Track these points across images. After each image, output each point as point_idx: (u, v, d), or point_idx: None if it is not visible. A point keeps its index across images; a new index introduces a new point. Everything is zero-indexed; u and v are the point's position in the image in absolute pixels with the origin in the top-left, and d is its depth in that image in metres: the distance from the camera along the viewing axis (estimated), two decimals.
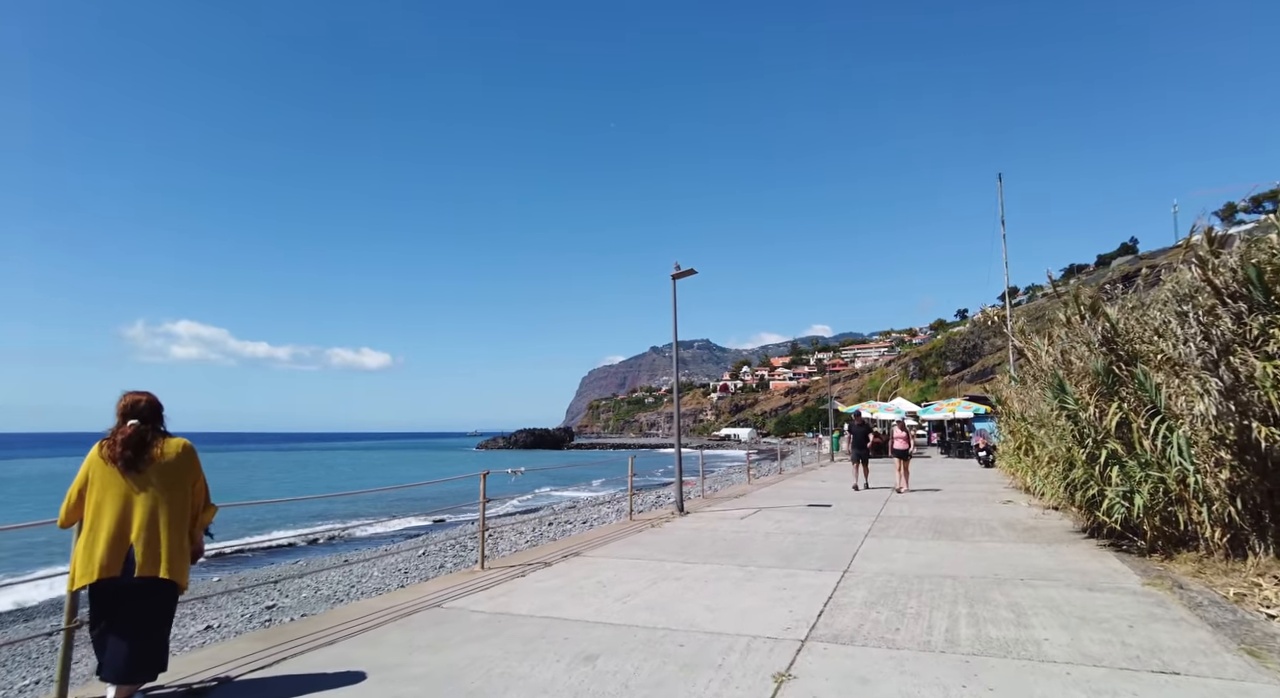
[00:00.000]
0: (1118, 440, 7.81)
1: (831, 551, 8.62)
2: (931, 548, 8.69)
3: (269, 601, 15.16)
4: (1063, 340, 11.45)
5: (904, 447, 16.33)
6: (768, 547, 8.96)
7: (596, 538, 9.89)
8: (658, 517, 12.28)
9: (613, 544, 9.29)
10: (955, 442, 33.66)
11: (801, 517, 11.85)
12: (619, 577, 7.22)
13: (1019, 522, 10.96)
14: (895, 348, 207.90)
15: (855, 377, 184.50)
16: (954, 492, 15.95)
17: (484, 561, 7.79)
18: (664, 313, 12.92)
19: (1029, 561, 7.73)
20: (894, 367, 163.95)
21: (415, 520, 30.37)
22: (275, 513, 32.89)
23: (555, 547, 9.25)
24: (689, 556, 8.39)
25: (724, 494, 16.69)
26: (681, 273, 12.73)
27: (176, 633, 12.35)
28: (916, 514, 12.06)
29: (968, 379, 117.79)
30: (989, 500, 14.13)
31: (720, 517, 11.97)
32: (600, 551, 8.84)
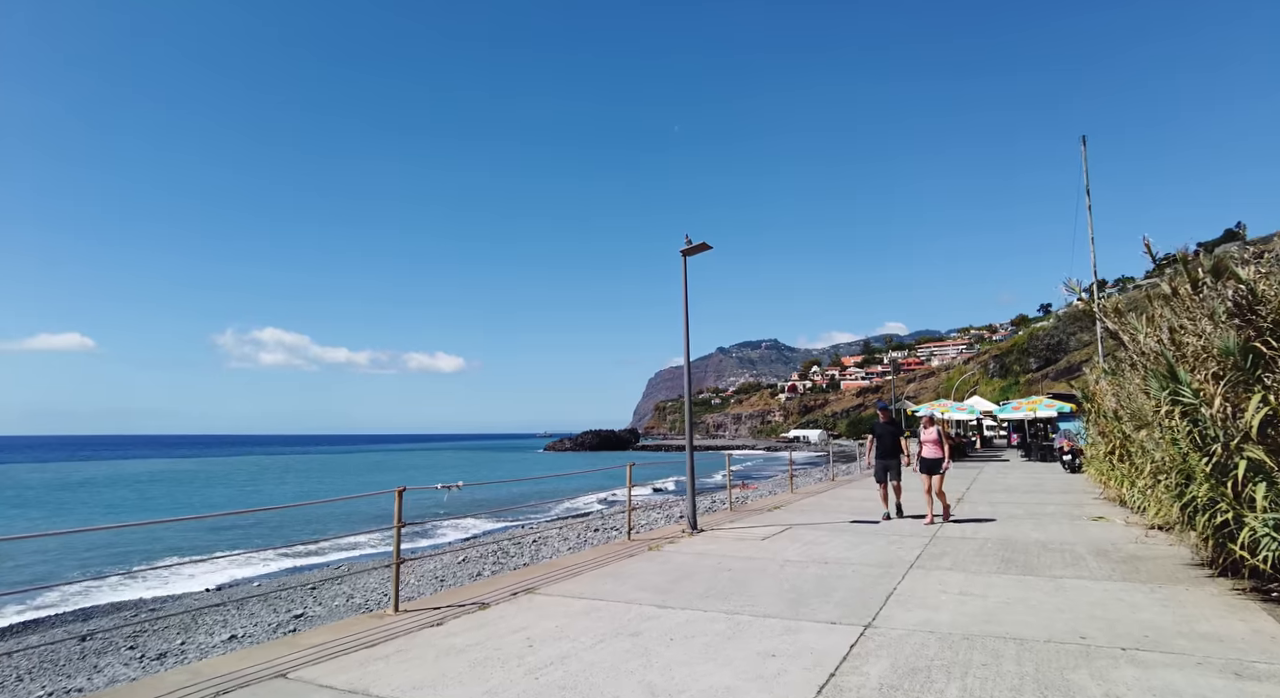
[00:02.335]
0: (1261, 446, 5.56)
1: (860, 589, 6.60)
2: (994, 587, 6.57)
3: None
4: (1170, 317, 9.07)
5: (935, 456, 10.96)
6: (780, 582, 7.00)
7: (573, 565, 8.11)
8: (663, 536, 10.39)
9: (585, 576, 7.48)
10: (1036, 444, 30.51)
11: (838, 538, 9.79)
12: (560, 630, 5.42)
13: (1114, 547, 8.65)
14: (974, 345, 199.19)
15: (931, 375, 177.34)
16: (1031, 503, 13.51)
17: (397, 602, 6.10)
18: (732, 315, 11.41)
19: (1134, 613, 5.56)
20: (973, 364, 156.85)
21: (368, 537, 25.91)
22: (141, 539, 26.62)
23: (512, 578, 7.49)
24: (671, 595, 6.51)
25: (756, 506, 14.64)
26: (693, 248, 10.84)
27: None
28: (981, 535, 9.84)
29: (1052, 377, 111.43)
30: (1074, 516, 11.72)
31: (739, 537, 10.02)
32: (565, 585, 7.05)
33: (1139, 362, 10.00)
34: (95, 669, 11.29)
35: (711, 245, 10.89)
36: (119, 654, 12.14)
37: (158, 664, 11.50)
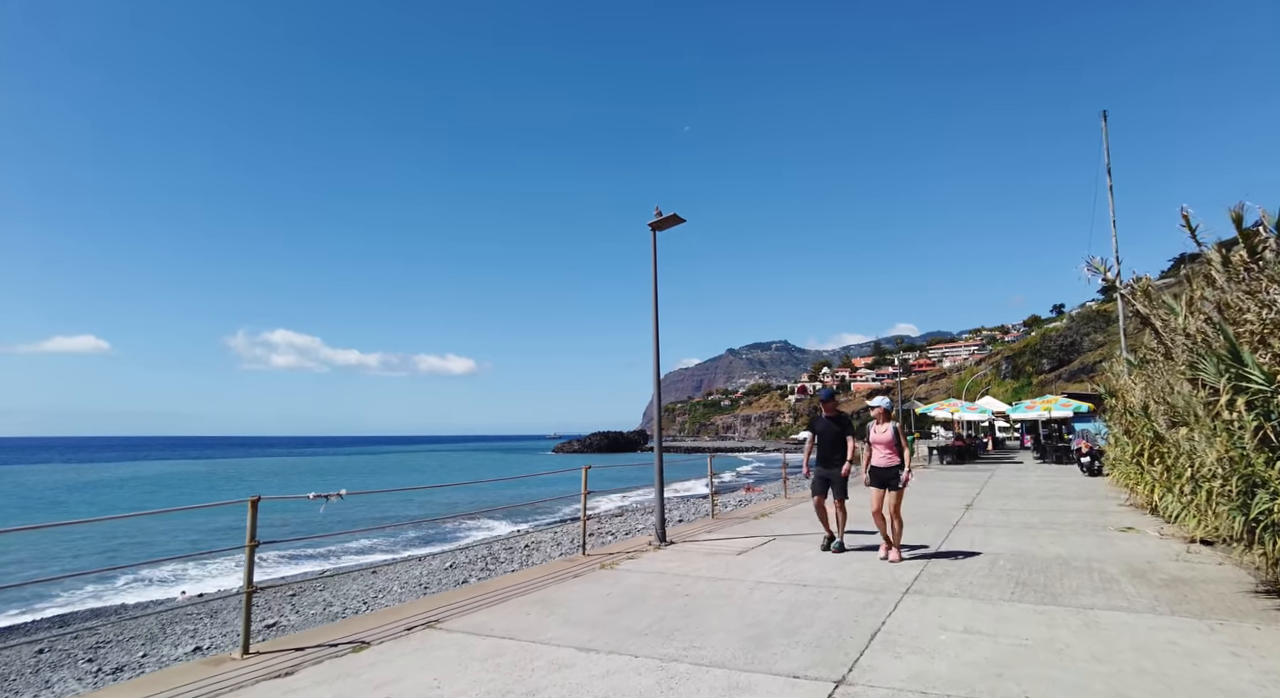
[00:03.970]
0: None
1: (839, 624, 5.28)
2: (1007, 621, 5.23)
3: None
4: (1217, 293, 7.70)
5: (890, 464, 7.93)
6: (743, 612, 5.68)
7: (502, 589, 6.81)
8: (625, 550, 9.07)
9: (509, 604, 6.18)
10: (1051, 445, 28.98)
11: (824, 553, 8.45)
12: (434, 687, 4.13)
13: (1151, 566, 7.27)
14: (986, 346, 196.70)
15: (943, 377, 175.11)
16: (1049, 510, 12.11)
17: (247, 642, 4.81)
18: (742, 316, 9.88)
19: (1196, 666, 4.20)
20: (984, 365, 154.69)
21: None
22: None
23: (421, 607, 6.19)
24: (603, 632, 5.20)
25: (742, 514, 13.28)
26: (662, 221, 9.53)
27: None
28: (993, 548, 8.47)
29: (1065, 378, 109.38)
30: (1098, 526, 10.33)
31: (711, 551, 8.69)
32: (478, 617, 5.75)
33: (1179, 347, 8.62)
34: (45, 685, 10.27)
35: (684, 218, 9.58)
36: (75, 668, 11.18)
37: (110, 679, 10.50)
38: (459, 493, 42.32)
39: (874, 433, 8.12)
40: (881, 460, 7.99)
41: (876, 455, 8.03)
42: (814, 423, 8.74)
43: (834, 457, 8.49)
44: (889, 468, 7.91)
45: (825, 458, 8.54)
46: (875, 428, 8.13)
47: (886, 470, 7.92)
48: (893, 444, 7.94)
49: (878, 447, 8.03)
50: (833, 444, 8.50)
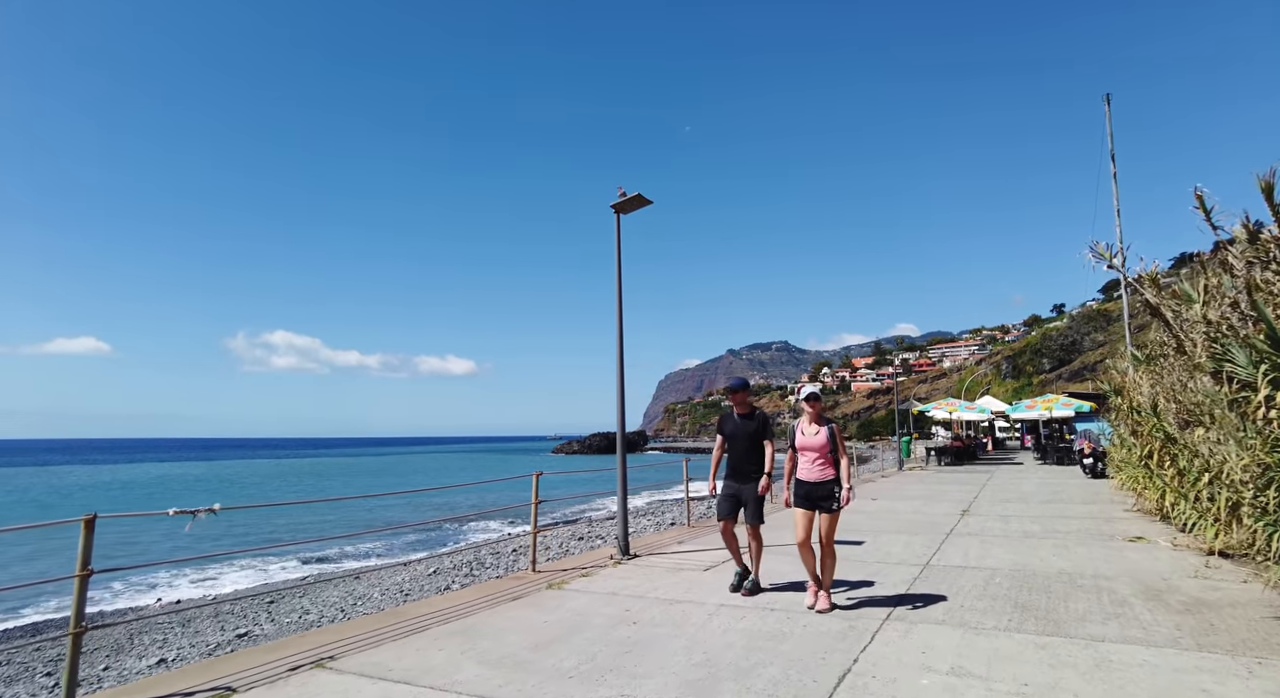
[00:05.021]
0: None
1: (803, 662, 4.44)
2: (1003, 659, 4.38)
3: None
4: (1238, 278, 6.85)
5: (823, 477, 5.93)
6: (693, 647, 4.84)
7: (425, 615, 5.96)
8: (581, 565, 8.20)
9: (428, 634, 5.34)
10: (1053, 446, 28.12)
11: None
12: None
13: (1168, 584, 6.42)
14: (986, 346, 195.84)
15: (943, 377, 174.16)
16: (1051, 518, 11.26)
17: (71, 688, 3.95)
18: (743, 317, 9.08)
19: None
20: (985, 365, 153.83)
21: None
22: None
23: (325, 638, 5.34)
24: (519, 675, 4.36)
25: None
26: (625, 202, 8.68)
27: None
28: (989, 562, 7.63)
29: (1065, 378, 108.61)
30: (1105, 534, 9.48)
31: (677, 565, 7.84)
32: (381, 653, 4.91)
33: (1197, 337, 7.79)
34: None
35: (651, 200, 8.73)
36: (32, 682, 10.45)
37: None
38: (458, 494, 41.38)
39: (802, 435, 5.99)
40: (812, 473, 5.90)
41: (805, 466, 5.95)
42: (722, 423, 6.81)
43: (747, 467, 6.58)
44: (821, 483, 5.84)
45: (736, 469, 6.64)
46: (803, 428, 6.00)
47: (818, 487, 5.84)
48: (827, 451, 5.90)
49: (807, 454, 5.94)
50: (746, 451, 6.60)
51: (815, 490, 5.87)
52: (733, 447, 6.70)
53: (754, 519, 6.53)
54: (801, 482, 5.97)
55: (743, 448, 6.62)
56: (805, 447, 5.97)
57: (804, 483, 5.94)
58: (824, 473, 5.88)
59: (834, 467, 5.89)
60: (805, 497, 5.92)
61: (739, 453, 6.64)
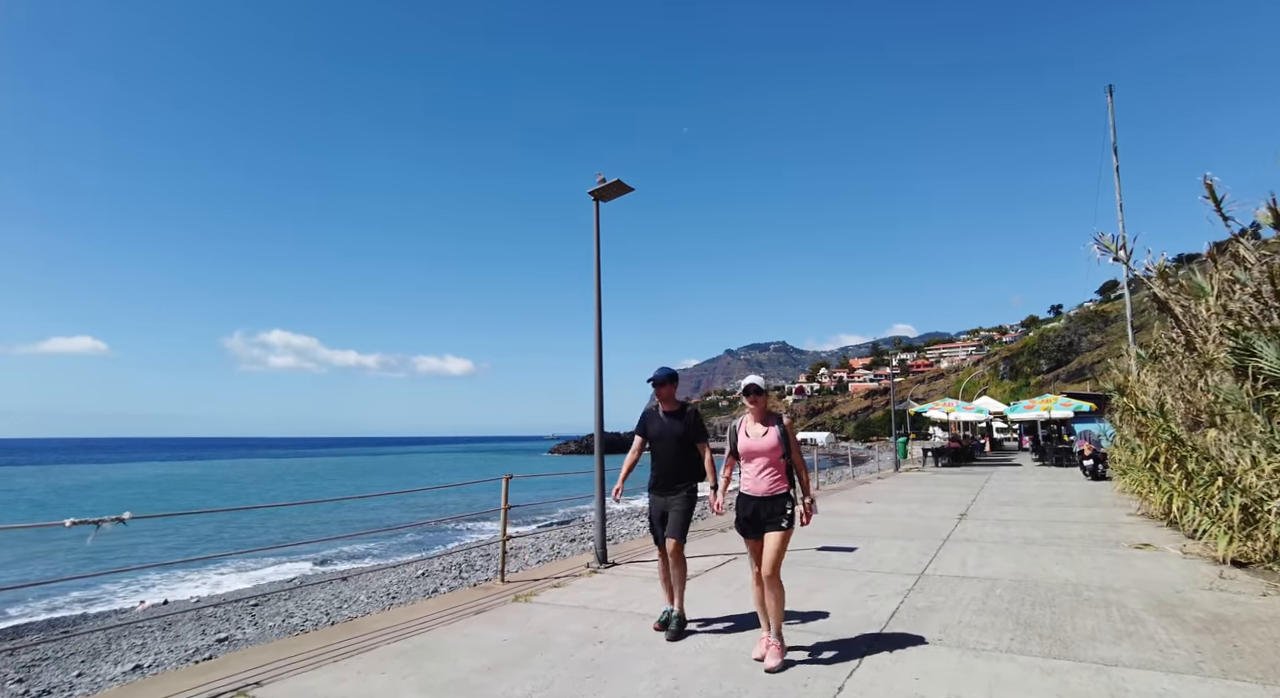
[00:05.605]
0: None
1: (785, 691, 3.97)
2: (1006, 686, 3.91)
3: None
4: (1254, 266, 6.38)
5: (771, 489, 4.56)
6: (661, 671, 4.37)
7: (373, 631, 5.49)
8: (556, 574, 7.72)
9: (374, 653, 4.87)
10: (1051, 447, 27.68)
11: (789, 579, 7.13)
12: None
13: (1181, 597, 5.95)
14: (984, 347, 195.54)
15: (941, 377, 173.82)
16: (1052, 521, 10.80)
17: None
18: (741, 317, 8.52)
19: None
20: (982, 366, 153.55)
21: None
22: None
23: (260, 657, 4.85)
24: None
25: (707, 526, 11.94)
26: (605, 189, 8.21)
27: None
28: (988, 571, 7.16)
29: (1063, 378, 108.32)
30: (1109, 541, 9.02)
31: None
32: (319, 675, 4.44)
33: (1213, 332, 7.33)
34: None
35: (632, 187, 8.26)
36: (2, 689, 9.99)
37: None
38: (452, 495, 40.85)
39: (745, 436, 4.69)
40: (759, 484, 4.57)
41: (750, 476, 4.63)
42: (645, 421, 5.63)
43: (675, 477, 5.37)
44: (771, 498, 4.51)
45: (662, 479, 5.42)
46: (746, 428, 4.71)
47: (767, 503, 4.51)
48: (778, 456, 4.57)
49: (752, 461, 4.62)
50: (673, 456, 5.39)
51: (763, 508, 4.52)
52: (656, 450, 5.49)
53: (675, 532, 5.23)
54: (747, 498, 4.61)
55: (669, 452, 5.41)
56: (750, 451, 4.62)
57: (749, 499, 4.59)
58: (775, 484, 4.54)
59: (786, 476, 4.60)
60: (751, 518, 4.57)
61: (665, 459, 5.42)
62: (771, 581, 4.46)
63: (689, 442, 5.42)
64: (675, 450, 5.40)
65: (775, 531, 4.49)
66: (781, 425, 4.64)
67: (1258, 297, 5.45)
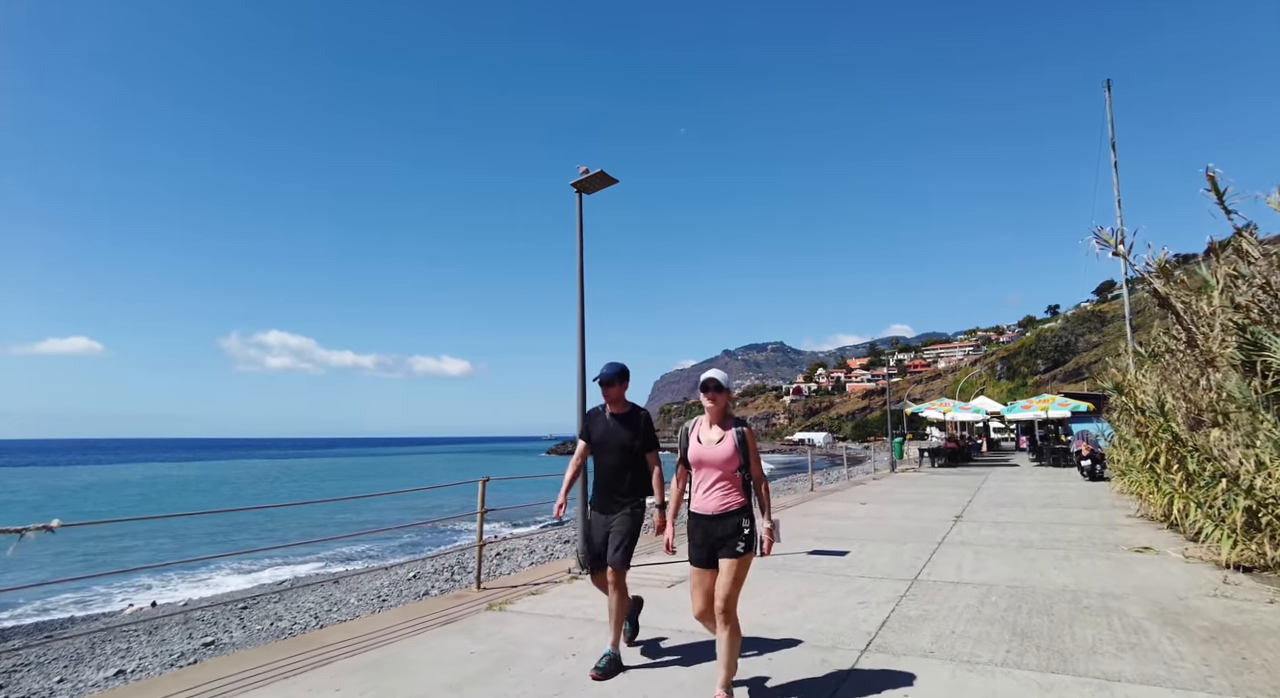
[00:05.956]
0: None
1: None
2: None
3: None
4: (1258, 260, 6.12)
5: (726, 506, 3.83)
6: (628, 694, 4.09)
7: (333, 643, 5.20)
8: (535, 580, 7.43)
9: (329, 668, 4.58)
10: (1048, 447, 27.45)
11: (778, 584, 6.86)
12: None
13: (1186, 605, 5.68)
14: (981, 347, 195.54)
15: (938, 377, 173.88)
16: (1049, 523, 10.54)
17: None
18: (739, 318, 8.26)
19: None
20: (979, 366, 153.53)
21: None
22: None
23: (200, 675, 4.56)
24: None
25: None
26: (588, 180, 7.92)
27: None
28: (984, 577, 6.89)
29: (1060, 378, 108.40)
30: (1108, 543, 8.76)
31: (637, 582, 7.05)
32: (262, 695, 4.15)
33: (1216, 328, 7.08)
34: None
35: (616, 179, 7.98)
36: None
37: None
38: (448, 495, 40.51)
39: (697, 443, 3.93)
40: (709, 501, 3.83)
41: (699, 490, 3.90)
42: (589, 424, 4.87)
43: (619, 490, 4.65)
44: (723, 516, 3.78)
45: (604, 491, 4.70)
46: (699, 433, 3.98)
47: (719, 522, 3.78)
48: (733, 467, 3.81)
49: (704, 471, 3.87)
50: (619, 466, 4.65)
51: (715, 528, 3.78)
52: (600, 459, 4.75)
53: (617, 561, 4.50)
54: (698, 517, 3.86)
55: (614, 462, 4.66)
56: (702, 461, 3.85)
57: (700, 518, 3.84)
58: (727, 500, 3.79)
59: (743, 491, 3.85)
60: (702, 541, 3.83)
61: (608, 468, 4.68)
62: (726, 618, 3.66)
63: (637, 449, 4.68)
64: (621, 459, 4.66)
65: (729, 556, 3.67)
66: (741, 432, 3.87)
67: (1267, 289, 5.20)
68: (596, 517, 4.71)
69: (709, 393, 3.96)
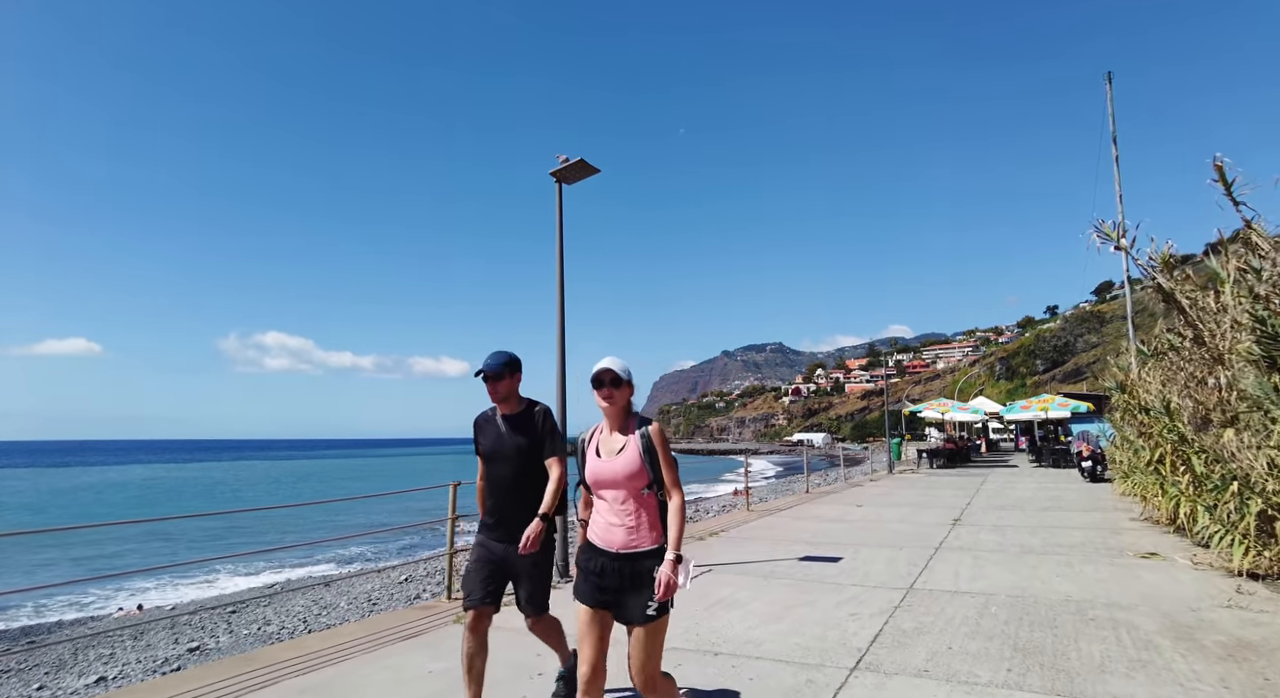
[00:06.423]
0: None
1: None
2: None
3: None
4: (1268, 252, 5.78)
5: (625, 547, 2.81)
6: None
7: (280, 661, 4.84)
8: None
9: (278, 687, 4.21)
10: (1048, 447, 27.13)
11: (765, 594, 6.50)
12: None
13: (1199, 617, 5.33)
14: (980, 348, 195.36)
15: (937, 378, 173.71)
16: (1050, 527, 10.20)
17: None
18: (738, 318, 7.84)
19: None
20: (978, 367, 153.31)
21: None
22: None
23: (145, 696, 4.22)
24: None
25: (691, 532, 11.32)
26: (568, 169, 7.57)
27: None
28: (983, 585, 6.54)
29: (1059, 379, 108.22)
30: (1112, 548, 8.41)
31: None
32: None
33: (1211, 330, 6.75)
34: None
35: (597, 168, 7.63)
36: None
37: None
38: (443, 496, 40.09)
39: (595, 456, 2.98)
40: (612, 532, 2.87)
41: (599, 517, 2.94)
42: (477, 431, 3.81)
43: (518, 510, 3.59)
44: (627, 556, 2.82)
45: (501, 513, 3.65)
46: (598, 440, 3.03)
47: (622, 562, 2.82)
48: (639, 484, 2.86)
49: (605, 493, 2.92)
50: (515, 480, 3.64)
51: (615, 569, 2.79)
52: (493, 474, 3.69)
53: (532, 603, 3.66)
54: (592, 552, 2.87)
55: (509, 475, 3.62)
56: (599, 480, 2.88)
57: (595, 553, 2.85)
58: (635, 537, 2.80)
59: (656, 516, 2.86)
60: (597, 584, 2.82)
61: (504, 484, 3.64)
62: (648, 690, 2.79)
63: (535, 458, 3.63)
64: (517, 471, 3.61)
65: (640, 622, 2.69)
66: (648, 436, 2.85)
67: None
68: (488, 544, 3.60)
69: (604, 389, 2.91)
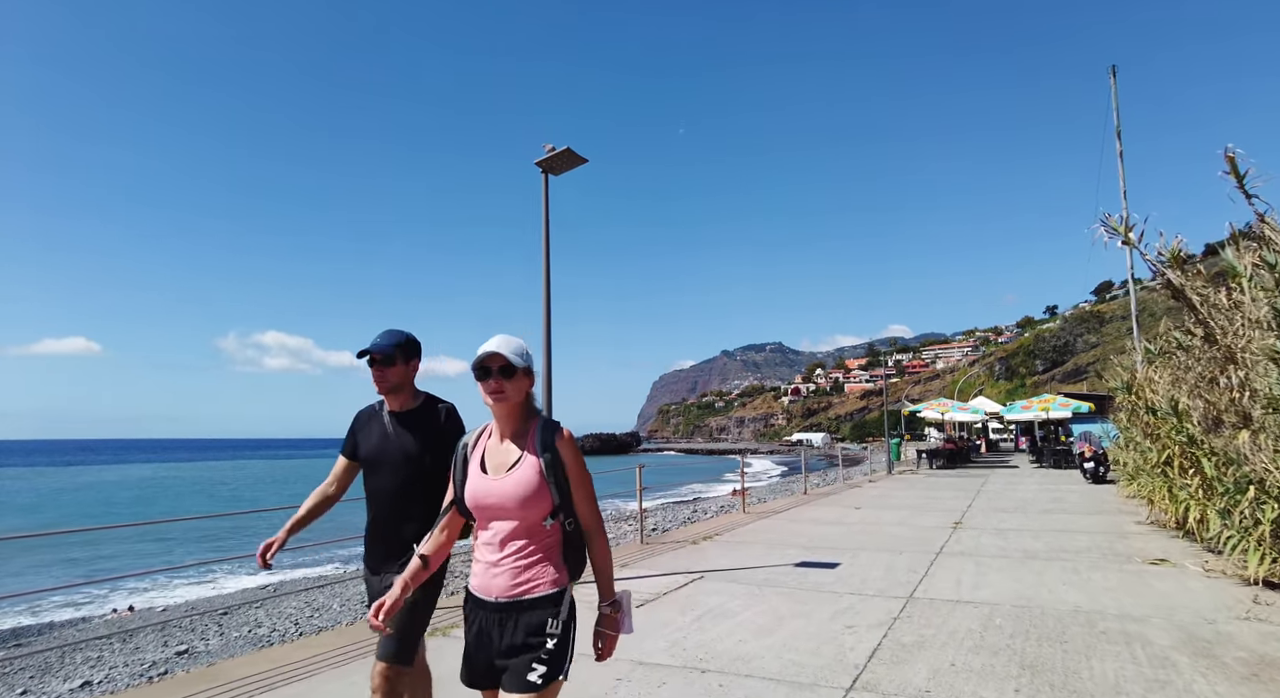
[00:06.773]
0: None
1: None
2: None
3: None
4: None
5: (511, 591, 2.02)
6: None
7: (250, 675, 4.53)
8: None
9: None
10: (1049, 448, 26.83)
11: (759, 603, 6.20)
12: None
13: (1216, 630, 5.02)
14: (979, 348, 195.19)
15: (936, 378, 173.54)
16: (1054, 530, 9.89)
17: None
18: (738, 318, 7.51)
19: None
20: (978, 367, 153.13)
21: None
22: None
23: None
24: None
25: (680, 536, 10.97)
26: (554, 159, 7.26)
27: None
28: (986, 594, 6.23)
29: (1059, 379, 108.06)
30: (1120, 554, 8.11)
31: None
32: None
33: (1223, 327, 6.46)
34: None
35: (585, 158, 7.33)
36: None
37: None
38: None
39: (480, 472, 2.12)
40: (496, 576, 2.06)
41: (482, 553, 2.11)
42: (357, 429, 3.11)
43: (405, 529, 2.87)
44: (517, 605, 2.04)
45: (385, 534, 2.95)
46: (485, 446, 2.18)
47: (511, 616, 2.04)
48: (539, 512, 2.06)
49: (490, 523, 2.10)
50: (401, 493, 2.90)
51: (503, 625, 2.05)
52: (375, 483, 3.00)
53: (389, 653, 2.85)
54: (477, 603, 2.12)
55: (393, 487, 2.92)
56: (482, 504, 2.10)
57: (475, 607, 2.13)
58: (524, 578, 2.06)
59: (562, 557, 2.14)
60: (480, 647, 2.09)
61: (387, 498, 2.95)
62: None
63: (425, 467, 2.88)
64: (405, 482, 2.89)
65: (518, 689, 1.98)
66: (553, 445, 2.13)
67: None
68: (372, 579, 2.96)
69: (490, 380, 2.07)
